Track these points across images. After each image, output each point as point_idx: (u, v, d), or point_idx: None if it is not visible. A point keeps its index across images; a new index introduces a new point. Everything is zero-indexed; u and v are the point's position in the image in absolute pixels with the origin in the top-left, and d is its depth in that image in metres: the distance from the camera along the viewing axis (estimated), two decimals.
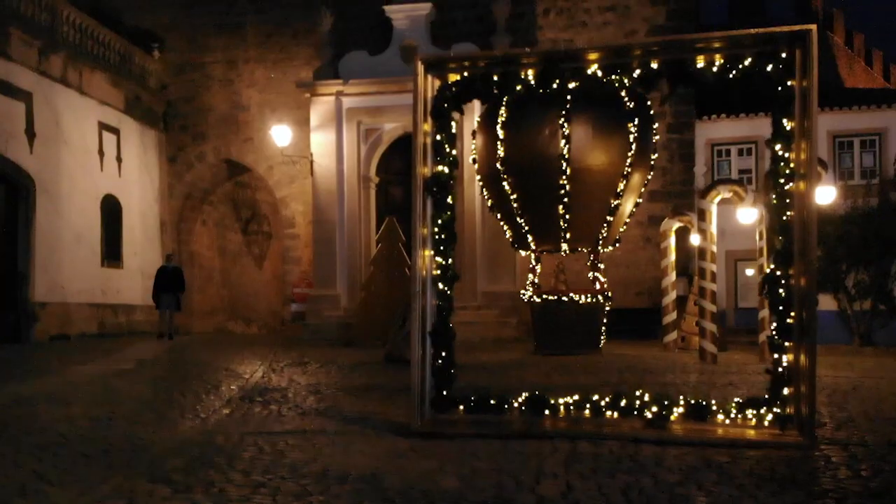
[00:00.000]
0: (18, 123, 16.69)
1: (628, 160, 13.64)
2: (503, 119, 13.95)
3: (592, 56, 5.40)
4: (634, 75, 5.35)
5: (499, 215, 14.86)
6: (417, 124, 5.65)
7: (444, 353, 5.58)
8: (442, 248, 5.62)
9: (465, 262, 20.08)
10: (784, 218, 5.05)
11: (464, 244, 20.09)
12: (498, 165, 14.02)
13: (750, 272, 20.37)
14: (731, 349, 16.36)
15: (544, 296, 14.26)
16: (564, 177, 13.46)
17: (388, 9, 20.37)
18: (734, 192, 12.35)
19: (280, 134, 21.01)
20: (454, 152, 5.72)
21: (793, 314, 5.02)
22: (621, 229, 14.69)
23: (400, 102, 20.25)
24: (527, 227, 14.21)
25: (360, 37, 21.62)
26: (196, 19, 23.19)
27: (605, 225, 14.07)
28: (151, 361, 12.33)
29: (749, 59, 5.10)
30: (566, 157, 13.41)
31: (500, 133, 13.90)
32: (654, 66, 5.26)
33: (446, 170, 5.66)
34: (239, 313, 26.76)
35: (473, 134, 15.36)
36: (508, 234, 14.79)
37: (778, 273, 5.07)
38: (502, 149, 13.91)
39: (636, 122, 13.54)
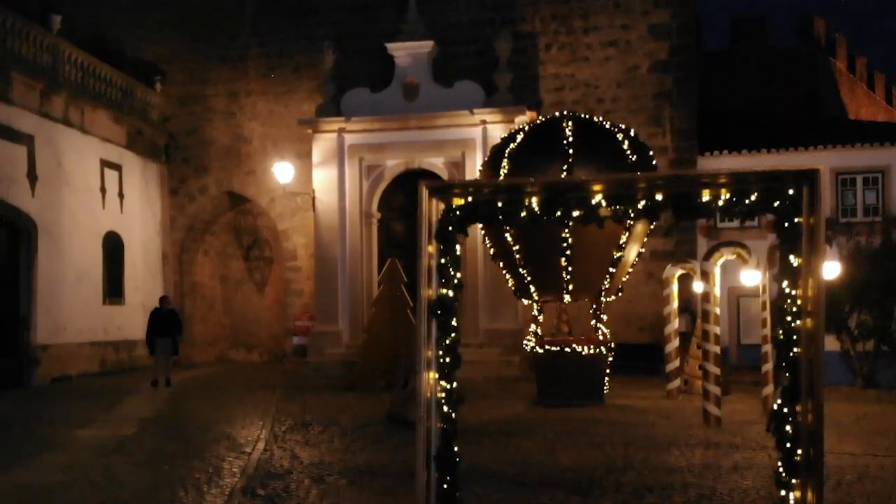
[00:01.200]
0: (20, 167, 16.70)
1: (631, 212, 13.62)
2: (506, 171, 13.97)
3: (597, 187, 5.37)
4: (639, 206, 5.32)
5: (501, 264, 14.86)
6: (422, 247, 5.61)
7: (448, 478, 5.55)
8: (447, 371, 5.57)
9: (467, 299, 20.07)
10: (791, 355, 5.01)
11: (466, 281, 20.00)
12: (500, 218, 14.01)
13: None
14: (735, 392, 16.33)
15: (547, 346, 14.22)
16: (567, 230, 13.45)
17: (391, 46, 20.38)
18: (738, 254, 12.33)
19: (282, 171, 21.02)
20: (459, 275, 5.67)
21: (800, 452, 4.99)
22: (624, 278, 14.69)
23: (402, 139, 20.35)
24: (529, 278, 14.21)
25: (363, 72, 21.65)
26: (198, 52, 23.22)
27: (607, 276, 14.07)
28: (153, 421, 12.29)
29: (755, 195, 5.08)
30: None
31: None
32: (659, 197, 5.24)
33: (451, 293, 5.61)
34: (240, 340, 26.70)
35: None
36: (511, 283, 14.79)
37: (785, 410, 5.04)
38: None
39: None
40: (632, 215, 5.34)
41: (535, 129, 14.17)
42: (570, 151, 13.44)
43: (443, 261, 5.62)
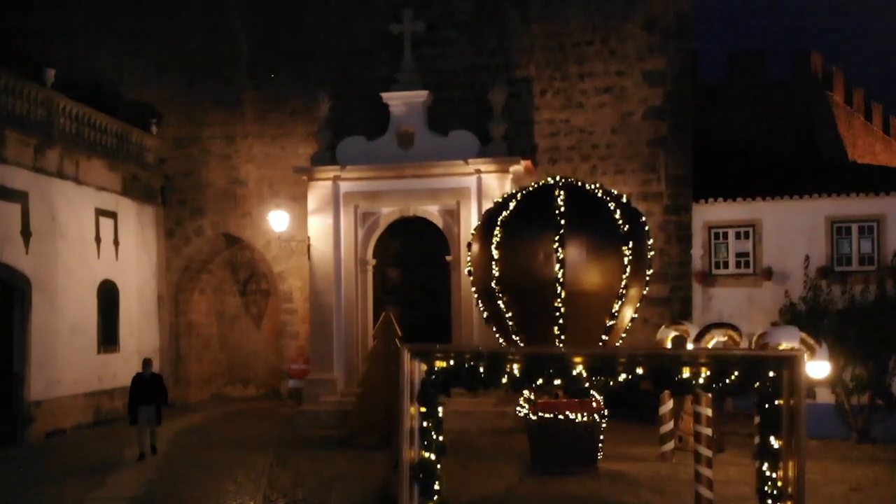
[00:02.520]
0: (14, 225, 16.69)
1: (623, 281, 13.64)
2: (498, 239, 13.97)
3: (578, 359, 5.36)
4: (619, 378, 5.31)
5: (494, 328, 14.85)
6: (404, 408, 5.60)
7: None
8: None
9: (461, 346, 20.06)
10: None
11: (461, 327, 20.08)
12: (493, 284, 14.03)
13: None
14: (730, 448, 16.32)
15: (540, 413, 14.20)
16: (559, 300, 13.46)
17: (386, 95, 20.39)
18: (728, 335, 12.31)
19: (277, 219, 21.02)
20: (441, 438, 5.66)
21: None
22: (618, 343, 14.66)
23: (397, 188, 20.36)
24: (522, 344, 14.18)
25: (358, 116, 21.68)
26: (194, 94, 23.24)
27: (600, 344, 14.04)
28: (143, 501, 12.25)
29: (735, 375, 5.07)
30: (561, 280, 13.41)
31: (495, 253, 13.91)
32: (640, 371, 5.23)
33: (433, 457, 5.60)
34: (237, 376, 26.69)
35: (469, 245, 15.41)
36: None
37: None
38: (497, 269, 13.92)
39: (630, 246, 13.54)
40: (612, 385, 5.28)
41: (528, 196, 14.16)
42: (562, 222, 13.44)
43: (425, 424, 5.62)
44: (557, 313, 13.52)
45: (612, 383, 5.38)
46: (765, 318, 19.61)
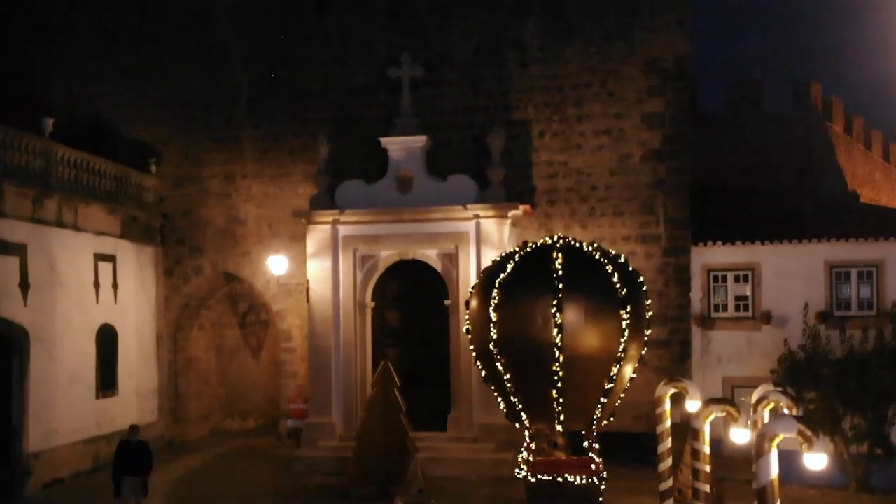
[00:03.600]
0: (12, 278, 16.70)
1: (621, 345, 13.63)
2: (496, 301, 13.96)
3: None
4: None
5: (493, 387, 14.85)
6: None
7: None
8: None
9: (460, 393, 20.06)
10: None
11: (459, 373, 20.05)
12: (491, 346, 14.03)
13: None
14: (730, 499, 16.27)
15: (539, 476, 14.18)
16: (558, 364, 13.46)
17: (385, 140, 20.42)
18: (727, 412, 12.28)
19: (277, 264, 21.04)
20: None
21: None
22: (616, 403, 14.66)
23: (396, 231, 20.38)
24: (521, 406, 14.19)
25: (357, 155, 21.69)
26: (193, 133, 23.25)
27: (599, 406, 14.04)
28: None
29: None
30: (559, 345, 13.40)
31: (493, 315, 13.91)
32: None
33: None
34: (235, 409, 26.70)
35: (467, 304, 15.40)
36: (503, 406, 14.77)
37: None
38: (495, 331, 13.92)
39: (629, 310, 13.54)
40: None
41: (526, 258, 14.16)
42: (560, 286, 13.44)
43: None
44: (556, 377, 13.51)
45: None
46: (764, 361, 19.61)
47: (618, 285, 13.55)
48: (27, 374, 17.00)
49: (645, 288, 14.48)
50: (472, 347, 15.13)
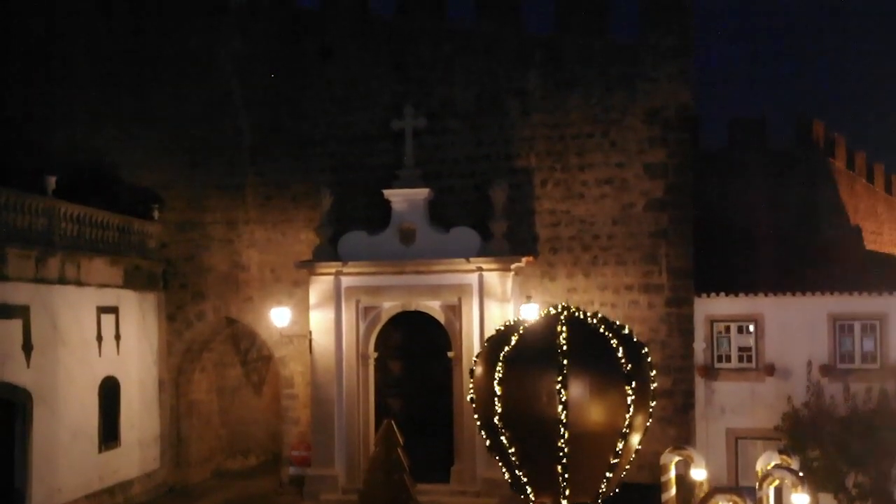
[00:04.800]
0: (15, 340, 16.69)
1: (626, 420, 13.55)
2: (500, 375, 13.88)
3: None
4: None
5: (497, 457, 14.75)
6: None
7: None
8: None
9: (463, 445, 20.05)
10: None
11: (463, 426, 20.04)
12: (495, 420, 13.93)
13: None
14: None
15: None
16: (563, 440, 13.38)
17: (388, 193, 20.44)
18: (733, 501, 12.29)
19: (279, 315, 21.04)
20: None
21: None
22: (623, 475, 14.57)
23: (399, 283, 20.40)
24: (525, 479, 14.10)
25: (359, 203, 21.71)
26: (196, 179, 23.26)
27: (605, 480, 13.96)
28: None
29: None
30: (564, 421, 13.32)
31: (498, 389, 13.82)
32: None
33: None
34: (237, 448, 26.70)
35: (471, 372, 15.32)
36: (507, 477, 14.67)
37: None
38: (500, 405, 13.82)
39: (634, 385, 13.45)
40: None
41: (530, 331, 14.07)
42: (565, 361, 13.36)
43: None
44: (561, 453, 13.43)
45: None
46: (767, 413, 19.61)
47: (623, 360, 13.45)
48: (30, 436, 16.99)
49: (650, 359, 14.35)
50: (475, 417, 15.03)
